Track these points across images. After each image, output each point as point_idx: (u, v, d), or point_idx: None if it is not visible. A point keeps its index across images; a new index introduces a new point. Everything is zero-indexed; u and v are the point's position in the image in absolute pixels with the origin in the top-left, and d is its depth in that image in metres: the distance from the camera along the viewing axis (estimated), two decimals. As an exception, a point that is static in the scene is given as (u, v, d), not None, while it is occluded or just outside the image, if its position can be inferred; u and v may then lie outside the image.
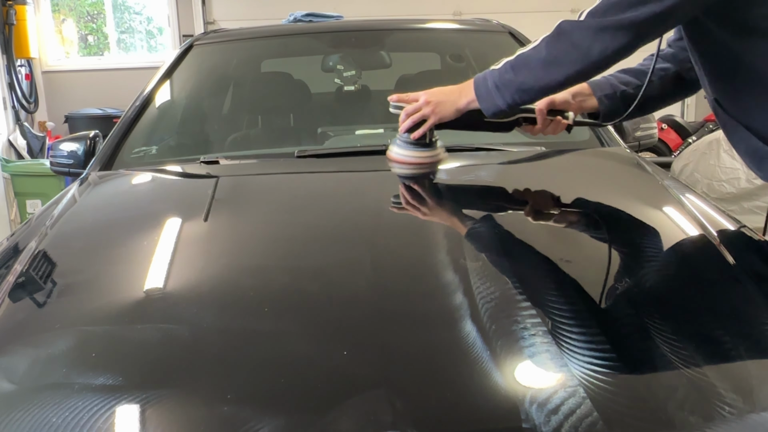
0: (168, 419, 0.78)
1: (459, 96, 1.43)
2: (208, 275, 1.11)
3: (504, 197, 1.45)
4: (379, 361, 0.85)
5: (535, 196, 1.45)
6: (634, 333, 0.93)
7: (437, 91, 1.48)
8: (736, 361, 0.89)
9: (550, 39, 1.29)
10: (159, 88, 2.12)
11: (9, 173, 4.67)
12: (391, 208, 1.34)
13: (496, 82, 1.34)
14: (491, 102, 1.36)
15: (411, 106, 1.48)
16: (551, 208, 1.37)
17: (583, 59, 1.25)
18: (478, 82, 1.39)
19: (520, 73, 1.31)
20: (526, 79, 1.31)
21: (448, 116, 1.46)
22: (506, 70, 1.33)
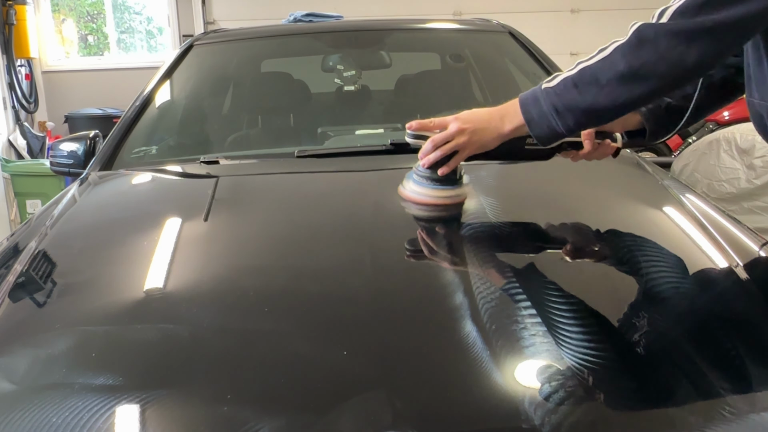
0: (168, 419, 0.78)
1: (501, 121, 1.18)
2: (208, 275, 1.11)
3: (503, 197, 1.45)
4: (379, 361, 0.85)
5: (534, 196, 1.45)
6: (634, 333, 0.93)
7: (472, 117, 1.22)
8: (736, 361, 0.89)
9: (629, 48, 1.06)
10: (159, 88, 2.12)
11: (9, 173, 4.67)
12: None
13: (554, 103, 1.11)
14: (547, 127, 1.13)
15: (440, 135, 1.22)
16: (551, 208, 1.37)
17: (675, 70, 1.04)
18: (527, 104, 1.15)
19: (589, 91, 1.08)
20: (597, 98, 1.08)
21: (488, 146, 1.21)
22: (567, 89, 1.11)
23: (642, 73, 1.05)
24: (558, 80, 1.13)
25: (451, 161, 1.23)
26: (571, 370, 0.83)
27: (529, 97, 1.16)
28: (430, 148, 1.23)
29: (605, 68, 1.08)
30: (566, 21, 6.57)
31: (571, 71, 1.12)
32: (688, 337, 0.92)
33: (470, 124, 1.20)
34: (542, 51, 2.24)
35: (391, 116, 2.33)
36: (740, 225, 1.30)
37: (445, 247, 1.18)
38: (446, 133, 1.21)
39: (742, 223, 1.31)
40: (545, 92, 1.13)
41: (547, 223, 1.28)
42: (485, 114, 1.21)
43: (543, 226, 1.27)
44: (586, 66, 1.10)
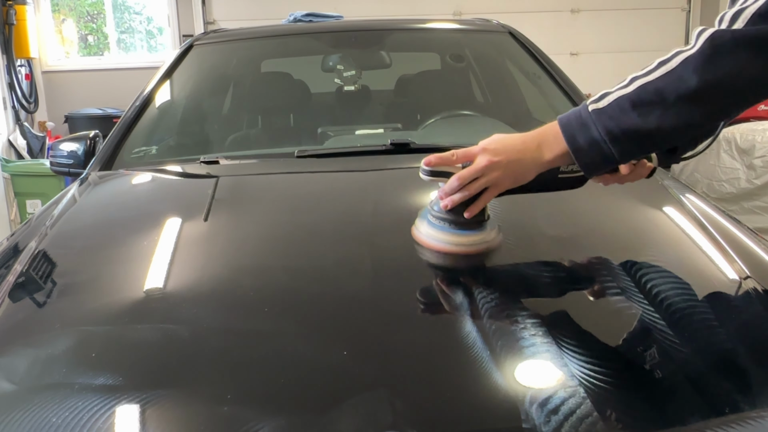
0: (168, 419, 0.78)
1: (539, 149, 1.01)
2: (208, 275, 1.11)
3: (502, 198, 1.44)
4: (379, 361, 0.85)
5: (533, 196, 1.45)
6: (634, 333, 0.93)
7: (503, 146, 1.02)
8: (736, 362, 0.89)
9: (702, 60, 0.89)
10: (159, 88, 2.12)
11: (9, 173, 4.67)
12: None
13: (609, 128, 0.94)
14: (599, 156, 0.96)
15: (467, 171, 1.02)
16: (550, 208, 1.37)
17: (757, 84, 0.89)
18: (572, 129, 0.98)
19: (652, 112, 0.91)
20: (663, 120, 0.91)
21: (524, 180, 1.03)
22: (624, 110, 0.93)
23: (718, 90, 0.90)
24: (609, 100, 0.95)
25: (479, 200, 1.04)
26: (571, 371, 0.83)
27: (573, 121, 0.98)
28: (456, 185, 1.03)
29: (672, 85, 0.91)
30: (566, 21, 6.57)
31: (625, 88, 0.94)
32: (688, 337, 0.92)
33: (502, 155, 1.01)
34: (542, 51, 2.24)
35: (391, 116, 2.33)
36: (740, 225, 1.30)
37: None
38: (475, 167, 1.02)
39: (742, 223, 1.31)
40: (595, 115, 0.96)
41: (546, 223, 1.28)
42: (518, 142, 1.02)
43: (541, 225, 1.27)
44: (646, 82, 0.93)
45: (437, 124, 2.01)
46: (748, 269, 1.09)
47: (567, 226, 1.29)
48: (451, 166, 1.05)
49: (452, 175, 1.04)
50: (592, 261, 1.15)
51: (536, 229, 1.26)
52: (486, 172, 1.02)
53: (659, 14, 6.60)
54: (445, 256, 1.07)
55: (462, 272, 1.09)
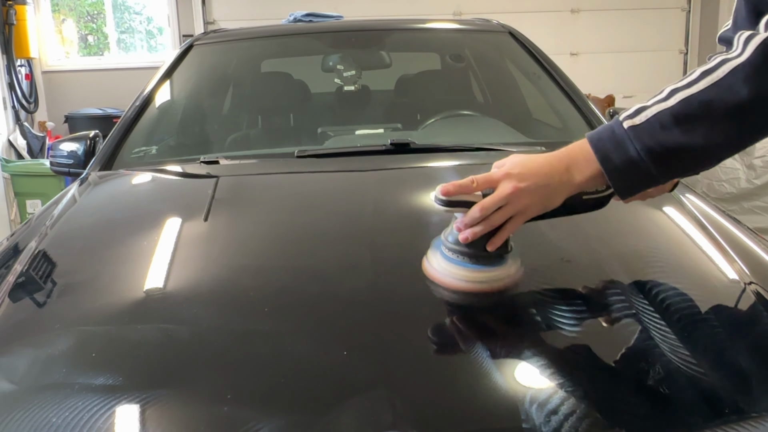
0: (168, 419, 0.78)
1: (568, 172, 0.91)
2: (209, 275, 1.11)
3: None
4: (379, 361, 0.85)
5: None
6: (634, 333, 0.93)
7: (528, 170, 0.91)
8: (736, 362, 0.89)
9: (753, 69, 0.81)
10: (159, 88, 2.12)
11: (9, 173, 4.67)
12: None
13: (649, 145, 0.85)
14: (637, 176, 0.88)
15: (491, 200, 0.91)
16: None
17: None
18: (605, 149, 0.88)
19: (698, 128, 0.83)
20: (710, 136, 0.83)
21: (553, 206, 0.94)
22: (665, 126, 0.84)
23: None
24: (648, 115, 0.86)
25: (502, 231, 0.93)
26: (571, 371, 0.83)
27: (607, 139, 0.88)
28: (478, 216, 0.91)
29: (720, 96, 0.83)
30: (566, 21, 6.57)
31: (665, 102, 0.85)
32: (688, 338, 0.92)
33: (529, 180, 0.90)
34: (542, 51, 2.24)
35: (391, 116, 2.33)
36: (740, 225, 1.30)
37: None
38: (499, 195, 0.91)
39: (742, 223, 1.31)
40: (632, 132, 0.86)
41: (546, 222, 1.27)
42: (544, 165, 0.92)
43: (541, 225, 1.27)
44: (690, 95, 0.84)
45: (437, 124, 2.01)
46: (748, 269, 1.09)
47: (566, 225, 1.29)
48: (471, 194, 0.93)
49: (471, 204, 0.92)
50: (591, 260, 1.15)
51: (535, 228, 1.26)
52: (511, 200, 0.91)
53: (659, 14, 6.60)
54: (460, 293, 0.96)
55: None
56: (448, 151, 1.71)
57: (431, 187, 1.46)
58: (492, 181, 0.92)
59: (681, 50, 6.73)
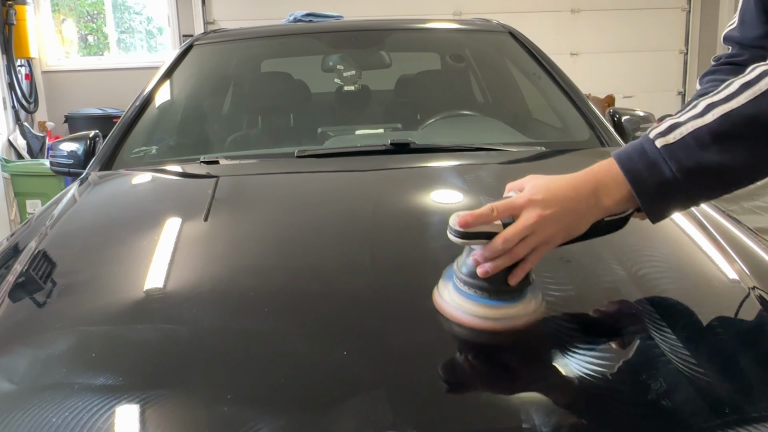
0: (168, 419, 0.78)
1: (596, 196, 0.84)
2: (208, 275, 1.11)
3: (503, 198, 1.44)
4: (379, 361, 0.85)
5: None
6: (634, 333, 0.93)
7: (553, 196, 0.83)
8: (736, 362, 0.89)
9: None
10: (159, 88, 2.12)
11: (9, 173, 4.68)
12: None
13: (687, 165, 0.79)
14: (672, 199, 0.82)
15: (514, 230, 0.82)
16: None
17: None
18: (637, 170, 0.82)
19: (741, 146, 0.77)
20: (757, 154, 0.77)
21: (579, 233, 0.86)
22: (704, 144, 0.78)
23: None
24: (683, 132, 0.79)
25: (525, 262, 0.85)
26: (572, 371, 0.83)
27: (638, 161, 0.81)
28: (500, 249, 0.82)
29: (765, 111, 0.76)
30: (566, 21, 6.57)
31: (702, 117, 0.79)
32: (688, 338, 0.92)
33: (554, 207, 0.82)
34: (542, 51, 2.24)
35: (391, 116, 2.34)
36: (740, 225, 1.30)
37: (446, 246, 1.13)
38: (523, 225, 0.82)
39: (742, 223, 1.31)
40: (666, 151, 0.79)
41: None
42: (569, 189, 0.84)
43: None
44: (731, 110, 0.78)
45: (437, 124, 2.01)
46: (748, 269, 1.09)
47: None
48: (490, 224, 0.84)
49: (492, 235, 0.83)
50: (591, 261, 1.15)
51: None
52: (536, 229, 0.82)
53: (659, 14, 6.60)
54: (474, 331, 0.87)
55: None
56: (448, 151, 1.71)
57: (431, 187, 1.47)
58: (514, 208, 0.83)
59: (681, 50, 6.73)
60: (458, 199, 1.44)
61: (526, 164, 1.67)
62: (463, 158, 1.66)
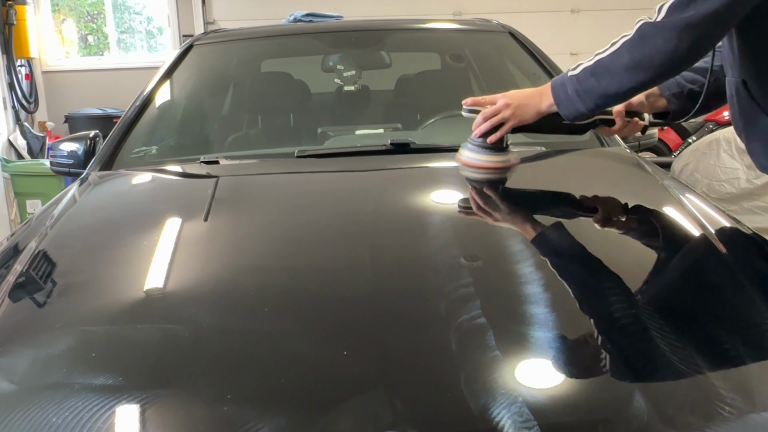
0: (168, 419, 0.78)
1: (540, 99, 1.41)
2: (208, 275, 1.11)
3: (503, 197, 1.45)
4: (379, 361, 0.85)
5: (534, 197, 1.45)
6: (633, 333, 0.93)
7: (516, 94, 1.46)
8: (736, 362, 0.89)
9: (632, 43, 1.25)
10: (159, 88, 2.12)
11: (9, 173, 4.67)
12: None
13: (576, 88, 1.33)
14: (572, 108, 1.35)
15: (489, 110, 1.45)
16: (551, 209, 1.37)
17: (670, 60, 1.21)
18: (557, 88, 1.37)
19: (602, 79, 1.28)
20: (609, 85, 1.28)
21: (528, 119, 1.44)
22: (586, 77, 1.31)
23: (643, 64, 1.23)
24: (580, 69, 1.33)
25: (498, 131, 1.45)
26: (572, 371, 0.83)
27: (558, 82, 1.37)
28: (481, 120, 1.46)
29: (614, 60, 1.26)
30: (566, 21, 6.57)
31: (590, 61, 1.31)
32: (688, 338, 0.92)
33: (514, 100, 1.43)
34: (542, 51, 2.24)
35: (391, 116, 2.33)
36: (740, 225, 1.30)
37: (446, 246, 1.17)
38: (494, 107, 1.45)
39: (742, 224, 1.31)
40: (570, 79, 1.34)
41: (549, 222, 1.28)
42: (528, 92, 1.45)
43: (543, 226, 1.27)
44: (600, 58, 1.29)
45: (437, 124, 2.01)
46: (748, 269, 1.09)
47: (567, 225, 1.29)
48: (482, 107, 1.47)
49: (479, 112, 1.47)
50: (592, 261, 1.15)
51: (537, 229, 1.26)
52: (501, 111, 1.44)
53: (659, 14, 6.58)
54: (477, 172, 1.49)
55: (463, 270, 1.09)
56: (448, 151, 1.71)
57: (431, 187, 1.47)
58: (494, 99, 1.47)
59: (681, 50, 6.72)
60: (458, 199, 1.44)
61: (526, 164, 1.67)
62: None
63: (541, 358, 0.86)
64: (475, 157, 1.49)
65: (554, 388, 0.80)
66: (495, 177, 1.50)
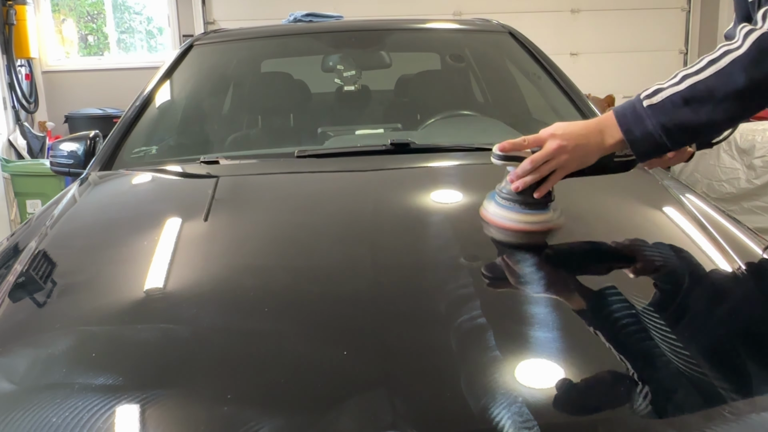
0: (168, 419, 0.78)
1: (601, 135, 1.10)
2: (209, 275, 1.11)
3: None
4: (379, 361, 0.85)
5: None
6: (633, 333, 0.93)
7: (569, 132, 1.12)
8: (736, 362, 0.89)
9: (750, 61, 0.99)
10: (159, 88, 2.12)
11: (9, 173, 4.67)
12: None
13: (663, 122, 1.04)
14: (652, 144, 1.07)
15: (540, 155, 1.11)
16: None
17: None
18: (628, 123, 1.08)
19: (703, 108, 1.02)
20: (713, 115, 1.02)
21: (588, 162, 1.13)
22: (677, 106, 1.03)
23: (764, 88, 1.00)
24: (663, 96, 1.05)
25: (547, 182, 1.13)
26: (572, 371, 0.83)
27: (629, 115, 1.08)
28: (529, 168, 1.12)
29: (722, 83, 1.01)
30: (566, 21, 6.57)
31: (678, 86, 1.04)
32: (688, 338, 0.92)
33: (570, 140, 1.11)
34: (542, 51, 2.24)
35: (391, 116, 2.33)
36: (740, 225, 1.30)
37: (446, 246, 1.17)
38: (546, 151, 1.11)
39: (742, 223, 1.31)
40: (651, 110, 1.06)
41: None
42: (582, 128, 1.12)
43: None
44: (697, 81, 1.03)
45: (437, 124, 2.01)
46: (747, 269, 1.09)
47: (568, 225, 1.29)
48: (522, 151, 1.13)
49: (522, 159, 1.13)
50: (592, 261, 1.15)
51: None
52: (555, 155, 1.11)
53: (659, 14, 6.60)
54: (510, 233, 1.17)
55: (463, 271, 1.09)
56: (448, 151, 1.71)
57: (431, 187, 1.47)
58: (540, 140, 1.12)
59: (681, 50, 6.73)
60: (458, 199, 1.44)
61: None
62: (463, 158, 1.66)
63: (541, 358, 0.87)
64: (510, 216, 1.16)
65: (554, 388, 0.80)
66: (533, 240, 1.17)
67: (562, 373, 0.83)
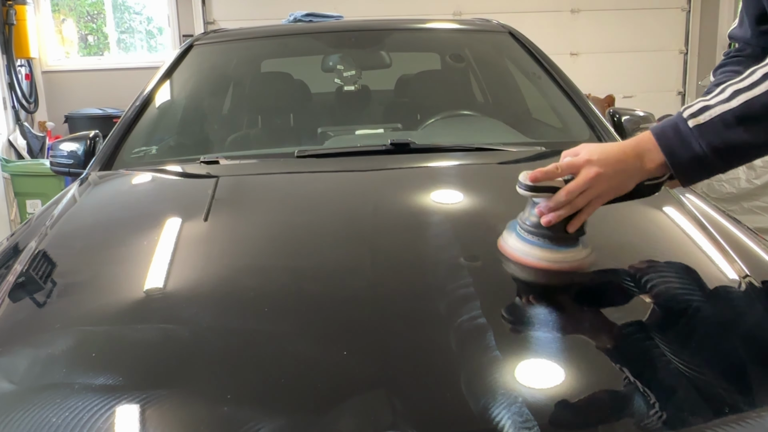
0: (168, 419, 0.78)
1: (640, 159, 0.98)
2: (208, 275, 1.11)
3: (503, 197, 1.45)
4: (379, 361, 0.85)
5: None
6: (633, 333, 0.93)
7: (605, 157, 0.98)
8: (736, 362, 0.89)
9: None
10: (159, 88, 2.12)
11: (9, 173, 4.67)
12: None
13: (713, 144, 0.93)
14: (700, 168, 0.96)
15: (576, 184, 0.98)
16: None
17: None
18: (671, 145, 0.96)
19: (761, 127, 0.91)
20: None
21: (626, 190, 1.00)
22: (729, 126, 0.92)
23: None
24: (711, 115, 0.93)
25: (581, 214, 1.00)
26: (572, 370, 0.83)
27: (672, 136, 0.96)
28: (564, 200, 0.98)
29: None
30: (566, 21, 6.57)
31: (728, 103, 0.93)
32: (688, 338, 0.92)
33: (608, 166, 0.98)
34: (542, 51, 2.24)
35: (391, 116, 2.33)
36: (740, 225, 1.30)
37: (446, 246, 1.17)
38: (583, 180, 0.98)
39: (742, 223, 1.31)
40: (698, 131, 0.94)
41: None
42: (618, 152, 0.99)
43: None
44: (752, 98, 0.91)
45: (437, 124, 2.01)
46: (748, 269, 1.09)
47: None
48: (554, 180, 1.00)
49: (555, 189, 0.99)
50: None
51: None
52: (593, 184, 0.98)
53: (659, 14, 6.60)
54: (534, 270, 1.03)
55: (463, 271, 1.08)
56: (448, 151, 1.71)
57: (431, 187, 1.47)
58: (574, 167, 0.99)
59: (681, 50, 6.73)
60: (458, 199, 1.44)
61: (526, 164, 1.67)
62: (463, 158, 1.66)
63: (541, 358, 0.86)
64: (537, 254, 1.03)
65: (554, 388, 0.80)
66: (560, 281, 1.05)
67: (562, 374, 0.83)
